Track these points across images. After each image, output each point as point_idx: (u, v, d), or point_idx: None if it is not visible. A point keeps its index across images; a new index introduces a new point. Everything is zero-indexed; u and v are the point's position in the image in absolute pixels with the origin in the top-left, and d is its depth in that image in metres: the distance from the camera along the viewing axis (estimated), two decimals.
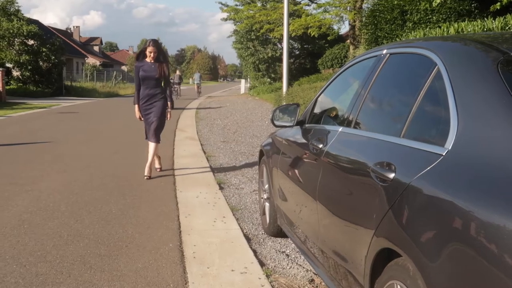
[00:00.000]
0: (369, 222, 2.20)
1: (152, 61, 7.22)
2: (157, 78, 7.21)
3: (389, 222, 2.03)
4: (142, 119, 7.34)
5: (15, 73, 33.62)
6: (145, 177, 6.99)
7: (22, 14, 34.28)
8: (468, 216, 1.60)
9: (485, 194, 1.60)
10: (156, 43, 7.32)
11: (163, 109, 7.28)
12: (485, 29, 7.83)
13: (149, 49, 7.21)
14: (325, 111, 3.81)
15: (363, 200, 2.35)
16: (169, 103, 7.39)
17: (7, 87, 28.78)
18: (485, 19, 8.52)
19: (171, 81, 30.16)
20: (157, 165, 7.53)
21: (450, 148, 1.88)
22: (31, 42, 33.63)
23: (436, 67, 2.23)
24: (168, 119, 7.46)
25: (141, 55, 7.35)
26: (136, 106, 7.32)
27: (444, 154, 1.88)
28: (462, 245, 1.59)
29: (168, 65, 7.55)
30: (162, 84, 7.38)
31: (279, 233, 4.51)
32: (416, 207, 1.89)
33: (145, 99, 7.23)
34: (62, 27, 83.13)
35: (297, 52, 34.06)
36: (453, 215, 1.67)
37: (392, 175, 2.09)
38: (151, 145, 7.23)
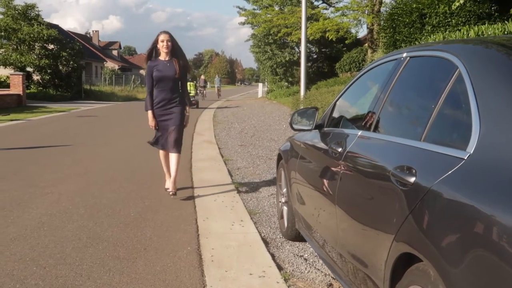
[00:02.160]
0: (389, 227, 2.18)
1: (167, 58, 6.10)
2: (175, 78, 6.09)
3: (409, 226, 2.01)
4: (157, 128, 6.25)
5: (35, 77, 34.03)
6: (171, 194, 6.12)
7: (42, 18, 34.75)
8: (491, 221, 1.58)
9: (507, 199, 1.57)
10: (169, 33, 6.17)
11: (182, 115, 6.20)
12: (505, 32, 7.76)
13: (162, 37, 6.07)
14: (344, 115, 3.80)
15: (383, 204, 2.33)
16: (187, 107, 6.31)
17: (28, 91, 29.14)
18: (506, 22, 8.44)
19: (196, 84, 31.93)
20: (169, 186, 6.27)
21: (472, 152, 1.86)
22: (51, 46, 34.07)
23: (458, 70, 2.21)
24: (186, 126, 6.40)
25: (153, 51, 6.19)
26: (150, 112, 6.16)
27: (466, 158, 1.86)
28: (484, 251, 1.57)
29: (186, 61, 6.36)
30: (179, 86, 6.27)
31: (297, 237, 4.49)
32: (437, 212, 1.87)
33: (160, 104, 6.11)
34: (82, 31, 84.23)
35: (315, 56, 34.03)
36: (475, 220, 1.64)
37: (412, 179, 2.07)
38: (174, 157, 6.20)
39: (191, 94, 29.06)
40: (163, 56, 6.13)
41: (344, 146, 3.06)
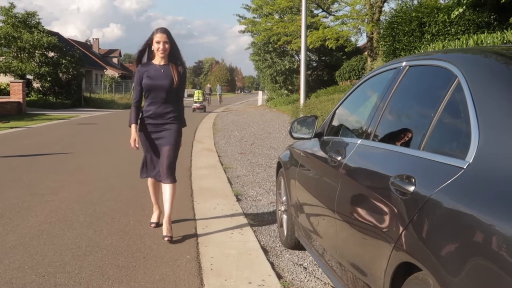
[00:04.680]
0: (389, 236, 2.18)
1: (162, 62, 4.92)
2: (170, 88, 4.87)
3: (409, 235, 2.01)
4: (137, 146, 4.97)
5: (35, 84, 34.13)
6: (166, 239, 4.72)
7: (43, 26, 34.86)
8: (490, 230, 1.58)
9: (507, 208, 1.57)
10: (167, 31, 4.91)
11: (178, 134, 4.99)
12: (505, 41, 7.78)
13: (158, 37, 4.84)
14: (344, 123, 3.80)
15: (382, 213, 2.33)
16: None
17: (28, 99, 29.21)
18: (505, 31, 8.47)
19: (204, 92, 33.95)
20: (163, 229, 4.82)
21: (471, 161, 1.86)
22: (51, 54, 34.17)
23: (457, 79, 2.21)
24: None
25: (144, 53, 5.00)
26: (133, 126, 4.94)
27: (465, 167, 1.86)
28: (484, 260, 1.56)
29: (185, 69, 5.12)
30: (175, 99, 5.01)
31: (297, 246, 4.48)
32: (436, 221, 1.87)
33: (150, 119, 4.93)
34: (82, 39, 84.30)
35: (315, 64, 34.12)
36: (474, 229, 1.65)
37: (412, 188, 2.07)
38: (168, 188, 4.88)
39: (199, 100, 30.50)
40: (157, 60, 4.95)
41: (343, 155, 3.06)
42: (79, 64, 36.43)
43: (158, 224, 5.15)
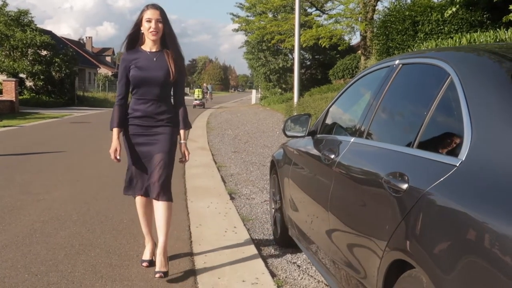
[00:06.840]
0: (382, 233, 2.18)
1: (155, 49, 3.87)
2: (166, 82, 3.83)
3: (402, 233, 2.01)
4: (119, 158, 3.90)
5: (28, 83, 33.93)
6: (158, 275, 3.68)
7: (36, 25, 34.63)
8: (483, 227, 1.58)
9: (499, 205, 1.58)
10: (160, 8, 3.85)
11: (172, 141, 3.98)
12: (497, 40, 7.81)
13: (149, 14, 3.79)
14: (337, 122, 3.81)
15: (376, 211, 2.34)
16: (181, 131, 4.00)
17: (20, 97, 29.04)
18: (498, 29, 8.50)
19: (203, 90, 35.51)
20: (157, 265, 3.77)
21: (464, 158, 1.86)
22: (44, 52, 33.97)
23: (449, 77, 2.22)
24: (186, 160, 4.21)
25: (137, 38, 3.92)
26: (115, 131, 3.89)
27: (458, 164, 1.87)
28: (476, 257, 1.57)
29: (181, 55, 3.97)
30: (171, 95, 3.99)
31: (290, 244, 4.48)
32: (429, 218, 1.87)
33: (138, 121, 3.87)
34: (76, 37, 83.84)
35: (308, 63, 34.16)
36: (467, 226, 1.65)
37: (405, 186, 2.08)
38: (161, 208, 3.84)
39: (199, 97, 31.32)
40: (148, 46, 3.90)
41: (337, 153, 3.07)
42: (72, 62, 36.26)
43: (152, 262, 3.98)
